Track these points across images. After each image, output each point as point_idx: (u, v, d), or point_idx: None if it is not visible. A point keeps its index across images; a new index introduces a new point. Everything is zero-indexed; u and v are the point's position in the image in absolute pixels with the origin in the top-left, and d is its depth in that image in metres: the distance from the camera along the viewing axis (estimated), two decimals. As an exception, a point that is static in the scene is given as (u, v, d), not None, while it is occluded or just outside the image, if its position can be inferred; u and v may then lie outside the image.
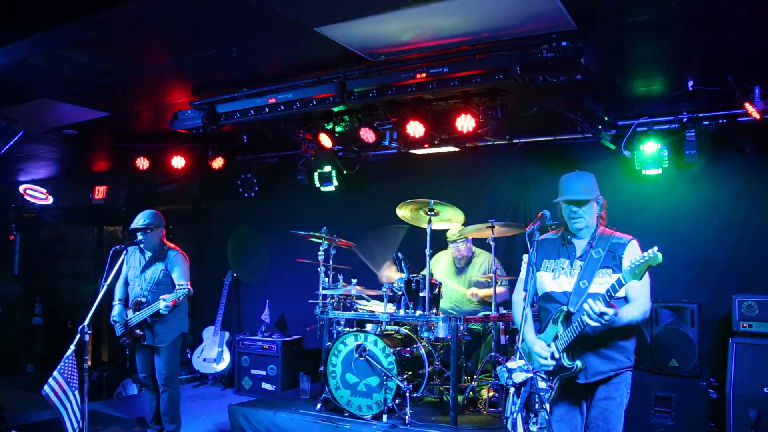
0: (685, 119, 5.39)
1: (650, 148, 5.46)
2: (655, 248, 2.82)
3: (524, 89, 4.59)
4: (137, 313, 5.02)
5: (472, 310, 5.76)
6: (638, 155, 5.54)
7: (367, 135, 5.54)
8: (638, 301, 3.16)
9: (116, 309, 5.20)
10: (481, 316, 5.22)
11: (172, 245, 5.29)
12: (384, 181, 7.11)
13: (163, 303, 4.78)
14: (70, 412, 4.15)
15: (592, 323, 2.95)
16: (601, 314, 2.90)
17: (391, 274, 5.80)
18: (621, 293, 3.09)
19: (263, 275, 7.90)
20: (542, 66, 3.92)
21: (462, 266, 5.98)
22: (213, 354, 7.52)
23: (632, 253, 3.18)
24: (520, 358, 3.15)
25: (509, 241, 6.28)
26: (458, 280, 5.95)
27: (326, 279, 5.86)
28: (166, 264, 5.11)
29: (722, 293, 5.39)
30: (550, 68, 3.90)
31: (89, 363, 4.20)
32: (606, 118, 5.35)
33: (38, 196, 9.59)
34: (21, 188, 9.53)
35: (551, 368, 3.17)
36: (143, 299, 5.03)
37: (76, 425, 4.16)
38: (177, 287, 4.94)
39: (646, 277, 3.02)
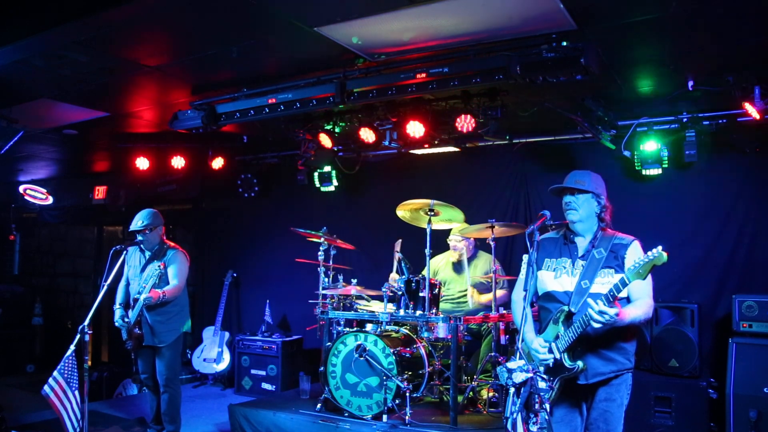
0: (685, 119, 5.39)
1: (650, 148, 5.46)
2: (660, 247, 2.81)
3: (524, 89, 4.59)
4: (133, 310, 5.03)
5: (473, 309, 5.75)
6: (638, 155, 5.55)
7: (367, 135, 5.55)
8: (641, 301, 3.15)
9: (117, 313, 5.16)
10: (480, 316, 5.22)
11: (173, 244, 5.27)
12: (384, 181, 7.11)
13: (143, 296, 4.77)
14: (70, 412, 4.15)
15: (595, 324, 2.95)
16: (601, 313, 2.90)
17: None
18: (623, 293, 3.08)
19: (263, 275, 7.90)
20: (542, 66, 3.92)
21: (462, 264, 5.97)
22: (213, 354, 7.52)
23: (635, 253, 3.17)
24: (520, 358, 3.14)
25: (509, 241, 6.28)
26: (459, 280, 5.95)
27: (326, 279, 5.86)
28: (164, 262, 5.09)
29: (722, 293, 5.39)
30: (550, 68, 3.90)
31: (89, 363, 4.20)
32: (606, 118, 5.35)
33: (38, 196, 9.60)
34: (21, 188, 9.55)
35: (551, 363, 3.16)
36: (138, 296, 5.02)
37: (76, 425, 4.16)
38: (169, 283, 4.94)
39: (649, 277, 3.02)
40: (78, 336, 4.15)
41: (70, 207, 9.65)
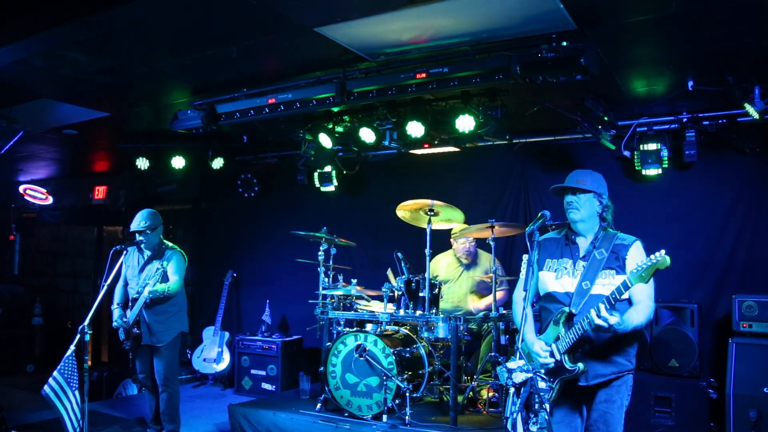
0: (685, 119, 5.39)
1: (650, 148, 5.46)
2: (663, 251, 2.80)
3: (524, 89, 4.59)
4: (131, 310, 5.03)
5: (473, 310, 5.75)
6: (638, 155, 5.55)
7: (367, 135, 5.55)
8: (642, 305, 3.13)
9: (115, 313, 5.16)
10: (481, 316, 5.22)
11: (171, 245, 5.28)
12: (384, 181, 7.11)
13: (147, 289, 4.77)
14: (70, 412, 4.15)
15: (600, 331, 2.95)
16: (603, 318, 2.90)
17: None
18: (625, 295, 3.08)
19: (263, 275, 7.90)
20: (542, 66, 3.92)
21: (468, 264, 5.97)
22: (213, 354, 7.52)
23: (636, 254, 3.16)
24: (520, 358, 3.14)
25: (509, 241, 6.28)
26: (461, 280, 5.95)
27: (326, 279, 5.86)
28: (162, 261, 5.09)
29: (722, 293, 5.39)
30: (550, 68, 3.90)
31: (89, 363, 4.20)
32: (606, 118, 5.34)
33: (38, 196, 9.61)
34: (21, 188, 9.55)
35: (551, 366, 3.16)
36: (138, 296, 5.01)
37: (76, 425, 4.16)
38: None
39: (651, 279, 3.01)
40: (78, 336, 4.15)
41: (70, 207, 9.65)
